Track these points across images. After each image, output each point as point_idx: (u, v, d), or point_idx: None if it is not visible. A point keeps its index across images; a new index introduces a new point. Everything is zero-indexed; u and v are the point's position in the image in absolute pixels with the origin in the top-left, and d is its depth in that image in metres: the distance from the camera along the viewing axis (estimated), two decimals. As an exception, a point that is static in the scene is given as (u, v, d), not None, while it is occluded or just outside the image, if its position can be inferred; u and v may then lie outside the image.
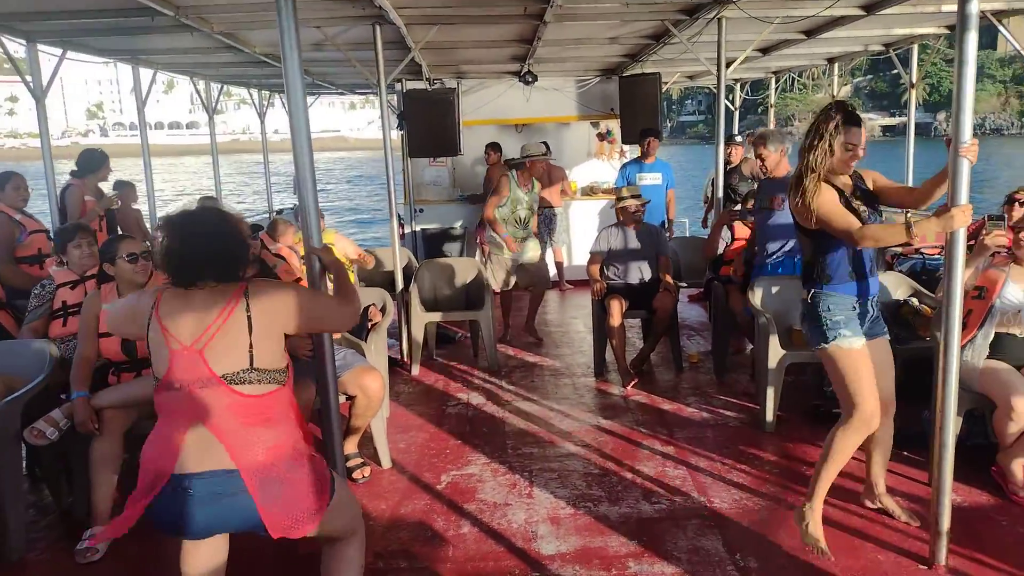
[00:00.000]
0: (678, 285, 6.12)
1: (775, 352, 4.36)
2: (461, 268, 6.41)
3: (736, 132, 10.45)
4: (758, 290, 4.77)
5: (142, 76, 8.03)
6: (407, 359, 5.88)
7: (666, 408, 4.88)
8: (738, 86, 12.00)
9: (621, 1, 5.48)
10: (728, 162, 7.70)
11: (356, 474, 3.86)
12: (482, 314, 5.77)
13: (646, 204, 5.77)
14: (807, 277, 3.10)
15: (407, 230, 8.80)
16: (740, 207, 5.44)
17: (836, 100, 3.02)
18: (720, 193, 6.39)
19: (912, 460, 3.85)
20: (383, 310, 4.85)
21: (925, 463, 3.66)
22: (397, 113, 8.71)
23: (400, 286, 5.98)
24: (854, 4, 5.73)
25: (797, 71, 11.27)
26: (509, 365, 5.94)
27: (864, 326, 3.02)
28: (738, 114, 11.57)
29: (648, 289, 5.56)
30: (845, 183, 3.00)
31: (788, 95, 39.95)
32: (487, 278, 6.25)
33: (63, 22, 5.54)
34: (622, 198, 5.74)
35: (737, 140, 8.33)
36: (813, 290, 3.04)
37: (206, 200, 8.58)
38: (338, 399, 2.95)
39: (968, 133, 2.64)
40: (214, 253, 2.23)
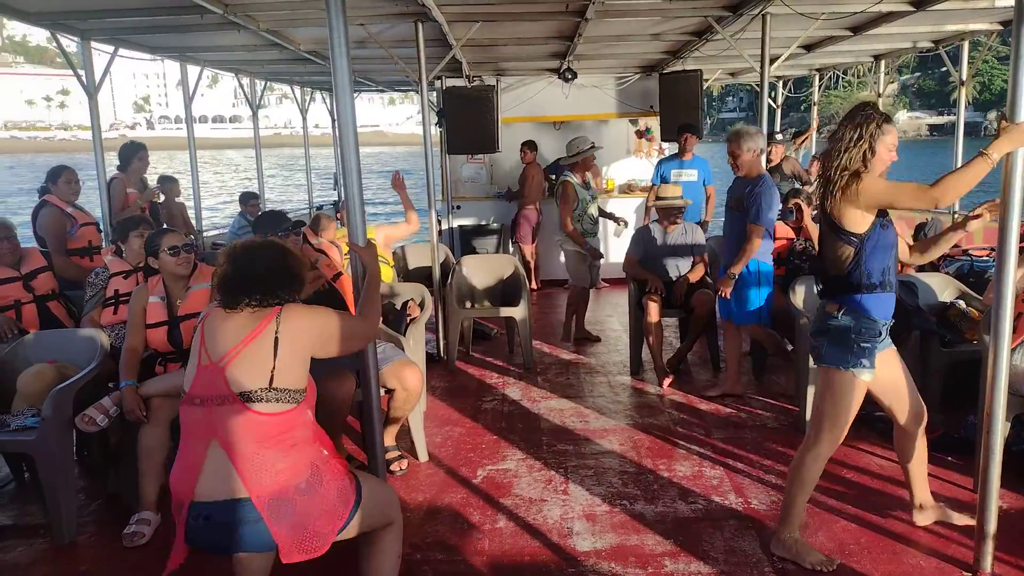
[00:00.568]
0: (713, 285, 6.06)
1: (816, 353, 4.29)
2: (498, 264, 6.44)
3: (778, 130, 10.30)
4: (799, 290, 4.72)
5: (189, 73, 8.21)
6: (443, 354, 5.93)
7: (703, 408, 4.85)
8: (781, 83, 11.82)
9: (663, -3, 5.45)
10: (768, 161, 7.59)
11: (394, 466, 3.92)
12: (518, 311, 5.78)
13: (687, 206, 5.70)
14: (837, 288, 2.88)
15: (444, 226, 8.85)
16: (782, 207, 5.37)
17: (867, 101, 2.91)
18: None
19: (955, 465, 3.77)
20: (421, 305, 4.91)
21: (968, 468, 3.59)
22: (436, 110, 8.76)
23: (438, 282, 6.03)
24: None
25: (842, 68, 11.05)
26: (545, 362, 5.95)
27: (878, 350, 2.89)
28: (780, 112, 11.41)
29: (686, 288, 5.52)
30: None
31: (832, 92, 39.04)
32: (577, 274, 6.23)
33: (116, 20, 5.69)
34: (662, 197, 5.68)
35: (777, 139, 8.19)
36: (847, 306, 2.84)
37: (247, 196, 8.79)
38: (379, 393, 3.00)
39: None
40: (261, 281, 2.34)
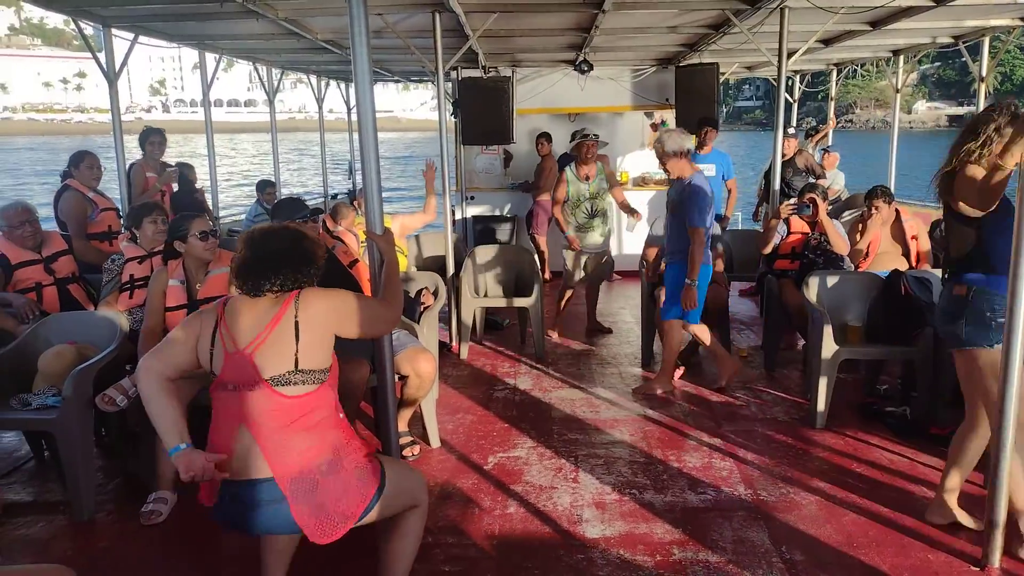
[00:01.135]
0: (729, 278, 6.07)
1: (829, 346, 4.31)
2: (511, 255, 6.45)
3: (793, 124, 10.25)
4: (813, 284, 4.72)
5: (207, 61, 8.27)
6: (455, 343, 5.97)
7: (714, 400, 4.87)
8: (798, 77, 11.74)
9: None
10: (782, 155, 7.55)
11: (406, 452, 3.97)
12: (531, 301, 5.81)
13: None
14: (960, 270, 2.97)
15: (458, 216, 8.88)
16: (796, 201, 5.37)
17: (1001, 101, 2.89)
18: (776, 186, 6.31)
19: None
20: (435, 294, 4.95)
21: (980, 463, 3.58)
22: (451, 101, 8.77)
23: (451, 271, 6.06)
24: (924, -7, 5.58)
25: (859, 63, 10.96)
26: (556, 353, 5.98)
27: None
28: (796, 103, 11.35)
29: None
30: None
31: (850, 82, 38.64)
32: (567, 267, 6.23)
33: (137, 7, 5.75)
34: None
35: (790, 132, 8.12)
36: (976, 286, 2.92)
37: (264, 183, 8.85)
38: (394, 379, 3.04)
39: None
40: (281, 265, 2.34)
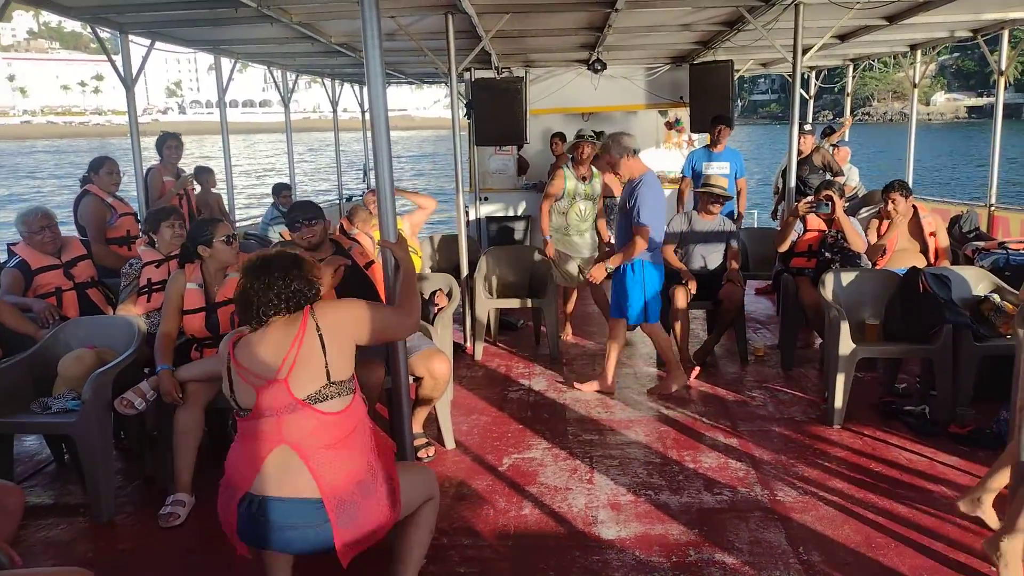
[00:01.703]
0: (745, 276, 6.03)
1: (846, 344, 4.27)
2: (525, 256, 6.45)
3: (809, 119, 10.16)
4: (829, 281, 4.68)
5: (223, 66, 8.33)
6: (469, 344, 5.97)
7: (730, 400, 4.84)
8: (813, 74, 11.64)
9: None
10: (799, 152, 7.49)
11: (421, 453, 3.97)
12: (545, 302, 5.80)
13: (728, 200, 5.79)
14: None
15: (471, 217, 8.89)
16: (814, 199, 5.32)
17: None
18: (792, 183, 6.26)
19: (987, 459, 3.70)
20: (449, 295, 4.96)
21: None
22: (465, 102, 8.78)
23: (465, 272, 6.07)
24: (941, -14, 5.52)
25: (876, 58, 10.86)
26: (571, 353, 5.97)
27: None
28: (812, 99, 11.25)
29: (712, 279, 5.51)
30: None
31: (867, 74, 38.34)
32: (558, 270, 6.15)
33: (153, 14, 5.81)
34: (708, 184, 5.80)
35: (807, 129, 8.03)
36: None
37: (280, 187, 8.91)
38: (408, 381, 3.05)
39: None
40: (282, 292, 2.38)
